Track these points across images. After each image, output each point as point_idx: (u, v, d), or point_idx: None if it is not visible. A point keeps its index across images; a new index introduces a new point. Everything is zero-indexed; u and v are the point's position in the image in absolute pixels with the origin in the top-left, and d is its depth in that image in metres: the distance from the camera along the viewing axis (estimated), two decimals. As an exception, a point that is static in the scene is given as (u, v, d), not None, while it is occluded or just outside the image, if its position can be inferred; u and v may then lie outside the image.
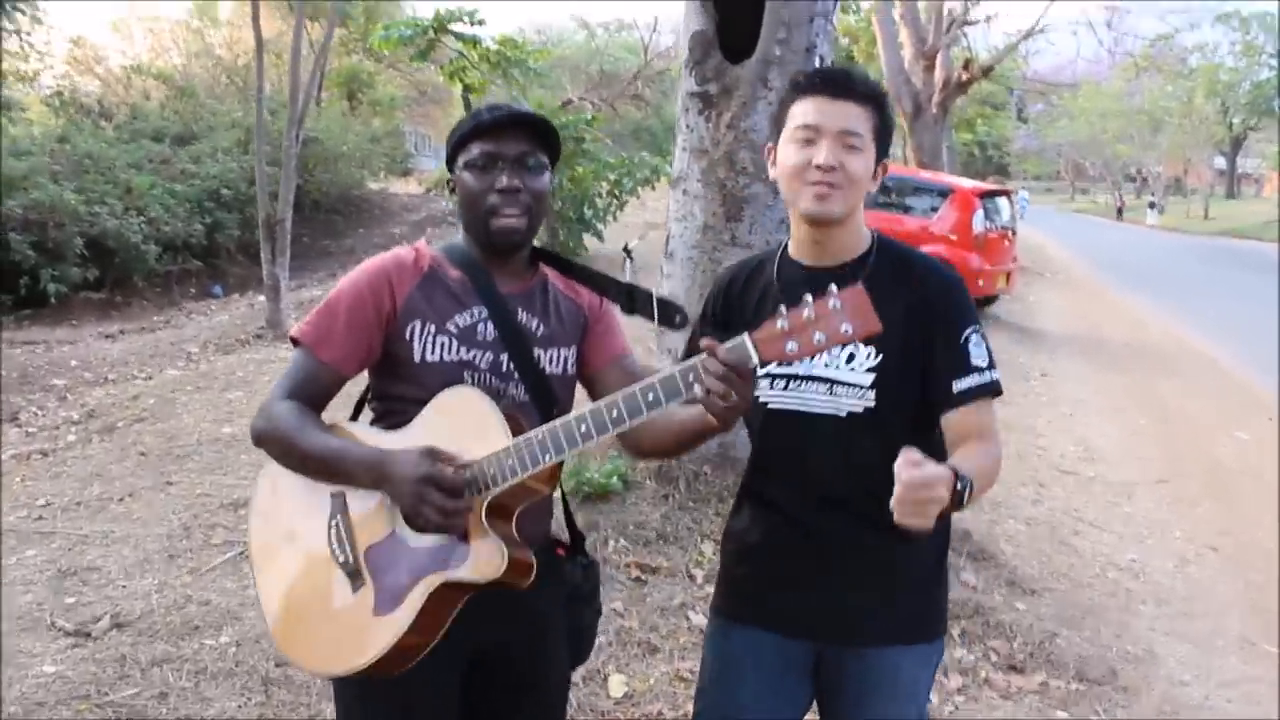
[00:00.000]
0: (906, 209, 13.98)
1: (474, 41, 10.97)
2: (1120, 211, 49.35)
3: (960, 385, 1.91)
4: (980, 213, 13.36)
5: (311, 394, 1.95)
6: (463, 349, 1.95)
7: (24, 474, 5.82)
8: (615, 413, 1.71)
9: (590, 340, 2.11)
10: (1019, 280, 15.63)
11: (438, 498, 1.75)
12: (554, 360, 2.04)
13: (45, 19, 20.67)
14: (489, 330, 1.97)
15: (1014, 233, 14.82)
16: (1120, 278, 20.52)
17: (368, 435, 1.95)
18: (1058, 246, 27.45)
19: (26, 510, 5.11)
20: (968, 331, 1.94)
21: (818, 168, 1.90)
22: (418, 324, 1.94)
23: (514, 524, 1.87)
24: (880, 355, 1.93)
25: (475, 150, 1.95)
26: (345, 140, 20.90)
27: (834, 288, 1.57)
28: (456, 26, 10.99)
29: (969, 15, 22.87)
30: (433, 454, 1.78)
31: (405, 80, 29.09)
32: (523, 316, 2.01)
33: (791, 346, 1.60)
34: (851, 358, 1.94)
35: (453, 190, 2.03)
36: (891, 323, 1.59)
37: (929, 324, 1.93)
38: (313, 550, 1.93)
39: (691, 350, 2.08)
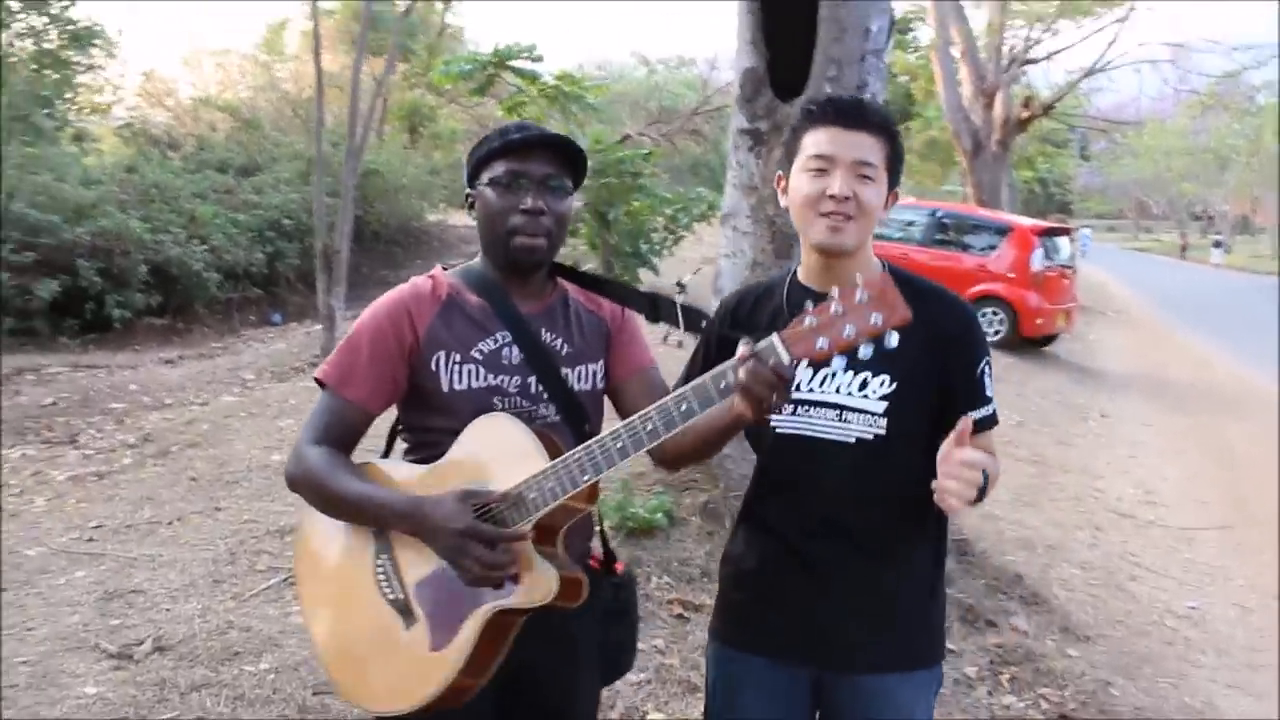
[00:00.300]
0: (964, 247, 13.90)
1: (532, 77, 11.06)
2: (1184, 250, 48.48)
3: (975, 416, 1.92)
4: (1039, 251, 13.23)
5: (339, 435, 1.94)
6: (490, 375, 1.94)
7: (79, 496, 5.92)
8: (650, 426, 1.71)
9: (615, 351, 2.09)
10: (1079, 319, 15.40)
11: (478, 551, 1.73)
12: (582, 377, 2.03)
13: (119, 53, 21.31)
14: (514, 354, 1.96)
15: (1074, 271, 14.62)
16: (1183, 317, 20.12)
17: (401, 472, 1.94)
18: (1119, 285, 27.04)
19: (79, 531, 5.19)
20: (982, 364, 1.99)
21: (831, 197, 1.91)
22: (442, 354, 1.93)
23: (561, 544, 1.86)
24: (895, 384, 1.94)
25: (500, 169, 1.95)
26: (405, 173, 21.16)
27: (859, 278, 1.56)
28: (515, 62, 11.09)
29: (1029, 53, 22.73)
30: (468, 497, 1.76)
31: (466, 114, 29.39)
32: (546, 336, 2.00)
33: (822, 343, 1.57)
34: (865, 384, 1.95)
35: (471, 206, 2.02)
36: (905, 351, 1.58)
37: (946, 354, 1.96)
38: (361, 585, 1.91)
39: (693, 367, 2.07)
